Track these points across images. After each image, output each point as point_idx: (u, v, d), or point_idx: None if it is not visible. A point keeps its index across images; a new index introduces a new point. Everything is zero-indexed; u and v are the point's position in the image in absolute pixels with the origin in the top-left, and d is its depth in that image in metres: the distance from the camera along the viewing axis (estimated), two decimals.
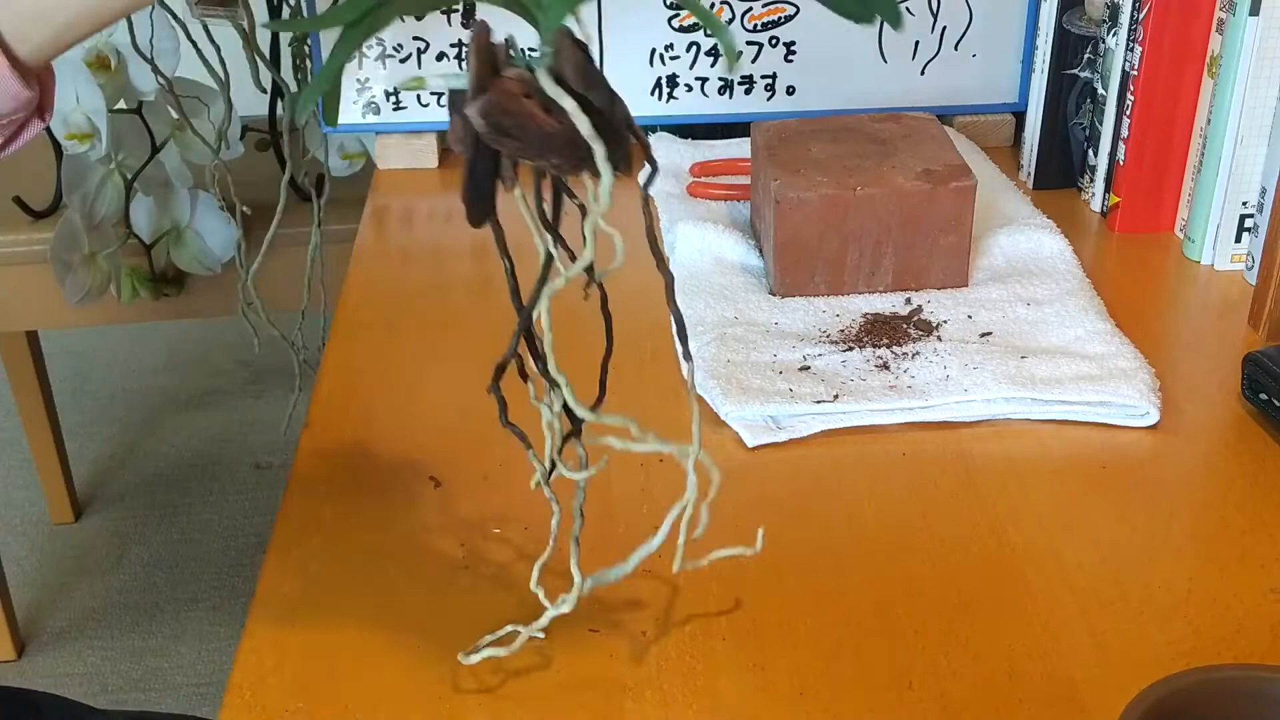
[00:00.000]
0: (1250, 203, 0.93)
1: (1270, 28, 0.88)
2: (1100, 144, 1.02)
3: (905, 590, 0.64)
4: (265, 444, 2.01)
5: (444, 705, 0.58)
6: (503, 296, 0.55)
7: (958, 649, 0.61)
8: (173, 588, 1.74)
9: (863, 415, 0.77)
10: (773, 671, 0.60)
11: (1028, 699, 0.58)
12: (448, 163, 1.17)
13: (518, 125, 0.47)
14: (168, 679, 1.60)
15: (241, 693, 0.59)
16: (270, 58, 1.29)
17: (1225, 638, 0.61)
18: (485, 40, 0.48)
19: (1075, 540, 0.68)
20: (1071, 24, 1.03)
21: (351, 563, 0.67)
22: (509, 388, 0.55)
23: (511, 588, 0.65)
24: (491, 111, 0.47)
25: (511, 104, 0.47)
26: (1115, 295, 0.89)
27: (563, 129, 0.47)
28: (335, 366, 0.85)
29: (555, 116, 0.47)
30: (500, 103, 0.47)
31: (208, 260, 1.34)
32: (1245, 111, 0.91)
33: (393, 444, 0.77)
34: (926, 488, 0.72)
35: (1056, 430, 0.77)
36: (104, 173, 1.27)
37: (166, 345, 2.26)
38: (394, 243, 1.04)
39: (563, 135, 0.47)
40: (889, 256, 0.88)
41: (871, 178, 0.88)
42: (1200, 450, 0.75)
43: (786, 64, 1.13)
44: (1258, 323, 0.87)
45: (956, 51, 1.14)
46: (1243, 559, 0.66)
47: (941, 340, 0.83)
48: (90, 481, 1.93)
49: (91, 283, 1.31)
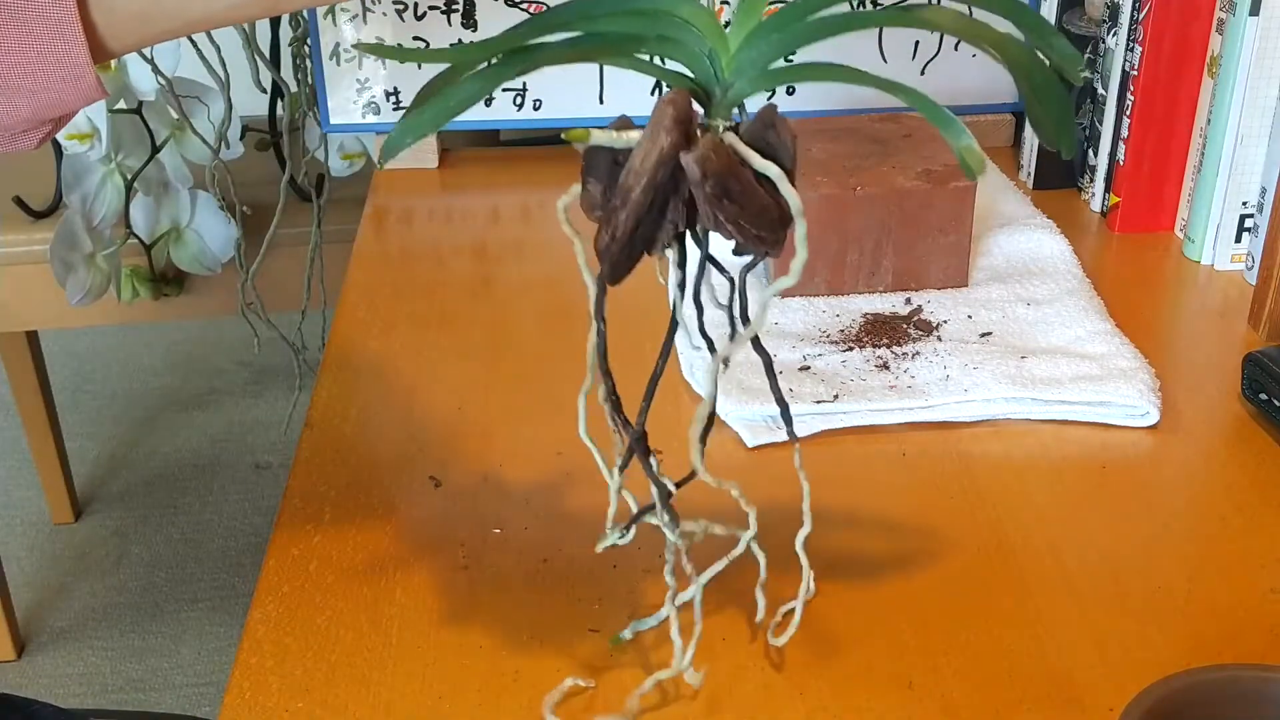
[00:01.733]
0: (1250, 203, 0.93)
1: (1270, 28, 0.88)
2: (1100, 144, 1.02)
3: (905, 590, 0.64)
4: (265, 444, 2.01)
5: (444, 705, 0.58)
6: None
7: (958, 649, 0.61)
8: (173, 588, 1.74)
9: (863, 415, 0.77)
10: (773, 671, 0.60)
11: (1028, 699, 0.58)
12: (447, 162, 1.17)
13: (742, 191, 0.46)
14: (168, 679, 1.60)
15: (241, 693, 0.59)
16: (270, 58, 1.29)
17: (1225, 638, 0.61)
18: (686, 103, 0.46)
19: (1075, 540, 0.68)
20: (1071, 24, 1.03)
21: (351, 563, 0.67)
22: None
23: (511, 588, 0.65)
24: (719, 172, 0.45)
25: (734, 168, 0.46)
26: (1115, 295, 0.89)
27: (775, 204, 0.46)
28: (335, 366, 0.85)
29: (764, 188, 0.46)
30: (725, 164, 0.45)
31: (208, 260, 1.34)
32: (1245, 111, 0.91)
33: (393, 444, 0.77)
34: (926, 488, 0.72)
35: (1056, 430, 0.77)
36: (104, 173, 1.27)
37: (166, 345, 2.26)
38: (394, 243, 1.04)
39: (775, 209, 0.46)
40: (889, 256, 0.89)
41: (871, 178, 0.88)
42: (1200, 450, 0.75)
43: (786, 64, 1.13)
44: (1258, 323, 0.87)
45: (956, 51, 1.14)
46: (1243, 559, 0.66)
47: (941, 340, 0.83)
48: (90, 481, 1.93)
49: (91, 283, 1.31)
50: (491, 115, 1.14)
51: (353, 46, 1.10)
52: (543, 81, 1.13)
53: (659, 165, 0.45)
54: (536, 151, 1.19)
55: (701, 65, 0.49)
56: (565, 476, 0.73)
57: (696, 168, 0.44)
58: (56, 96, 0.55)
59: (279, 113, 1.34)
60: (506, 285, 0.97)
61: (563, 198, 0.49)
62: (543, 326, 0.89)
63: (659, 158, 0.45)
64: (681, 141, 0.45)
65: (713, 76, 0.49)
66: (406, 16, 1.10)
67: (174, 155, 1.29)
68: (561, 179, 1.12)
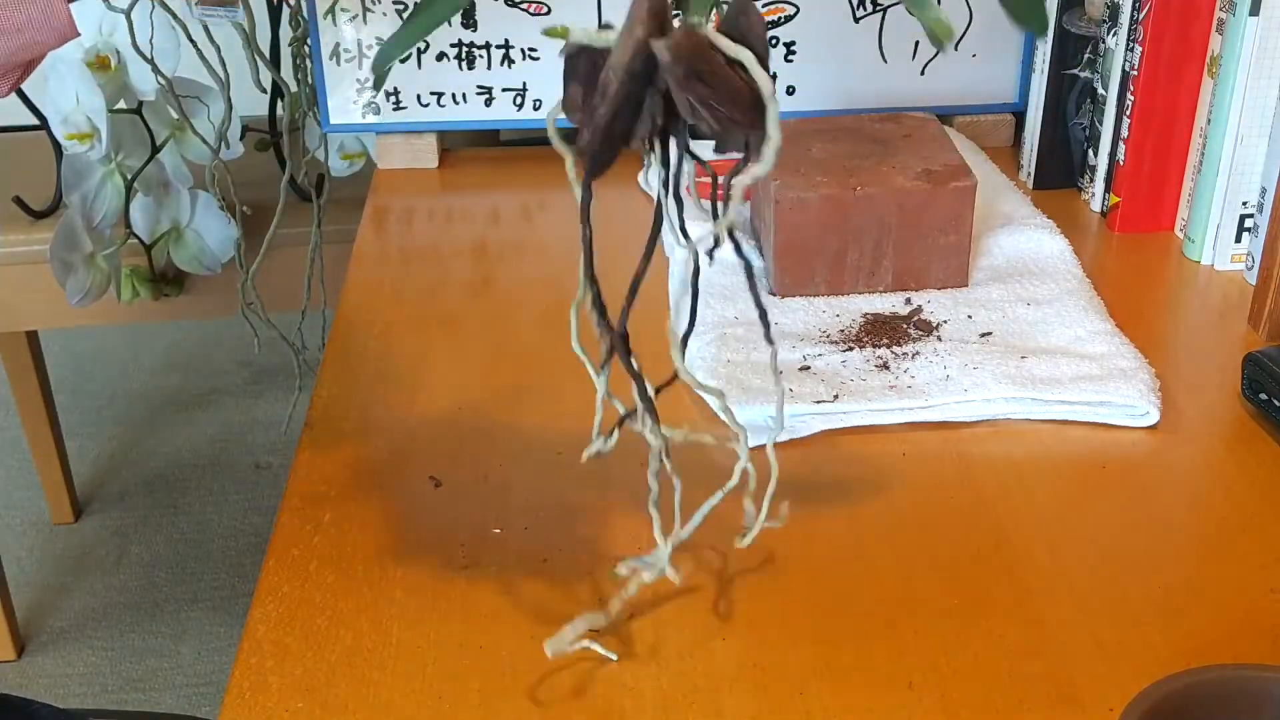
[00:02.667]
0: (1250, 203, 0.93)
1: (1270, 28, 0.88)
2: (1100, 144, 1.02)
3: (905, 590, 0.64)
4: (265, 444, 2.01)
5: (444, 705, 0.58)
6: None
7: (958, 649, 0.61)
8: (173, 587, 1.74)
9: (863, 415, 0.77)
10: (772, 671, 0.60)
11: (1028, 699, 0.58)
12: (447, 162, 1.17)
13: (712, 73, 0.46)
14: (168, 679, 1.60)
15: (241, 693, 0.59)
16: (270, 58, 1.29)
17: (1225, 638, 0.61)
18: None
19: (1075, 540, 0.68)
20: (1071, 24, 1.03)
21: (351, 563, 0.67)
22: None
23: (511, 588, 0.65)
24: (689, 55, 0.46)
25: (704, 51, 0.46)
26: (1115, 295, 0.89)
27: (747, 86, 0.47)
28: (335, 366, 0.85)
29: (737, 73, 0.47)
30: (694, 48, 0.46)
31: (207, 260, 1.34)
32: (1245, 111, 0.91)
33: (393, 444, 0.77)
34: (926, 488, 0.72)
35: (1056, 430, 0.77)
36: (104, 173, 1.27)
37: (166, 345, 2.26)
38: (394, 243, 1.04)
39: (747, 92, 0.47)
40: (889, 256, 0.89)
41: (871, 178, 0.88)
42: (1200, 450, 0.75)
43: (786, 64, 1.13)
44: (1258, 323, 0.87)
45: (956, 51, 1.14)
46: (1243, 559, 0.66)
47: (941, 340, 0.83)
48: (90, 481, 1.93)
49: (91, 283, 1.31)
50: (491, 115, 1.14)
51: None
52: (543, 81, 1.13)
53: (634, 55, 0.46)
54: (536, 151, 1.19)
55: None
56: (565, 476, 0.73)
57: (667, 52, 0.46)
58: (34, 36, 0.56)
59: (279, 113, 1.34)
60: (506, 285, 0.97)
61: (550, 109, 0.50)
62: (543, 326, 0.89)
63: (634, 47, 0.46)
64: (656, 32, 0.46)
65: None
66: (406, 16, 1.10)
67: (174, 155, 1.29)
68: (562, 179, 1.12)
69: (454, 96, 1.14)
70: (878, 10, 1.12)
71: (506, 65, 1.13)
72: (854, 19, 1.12)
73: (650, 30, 0.46)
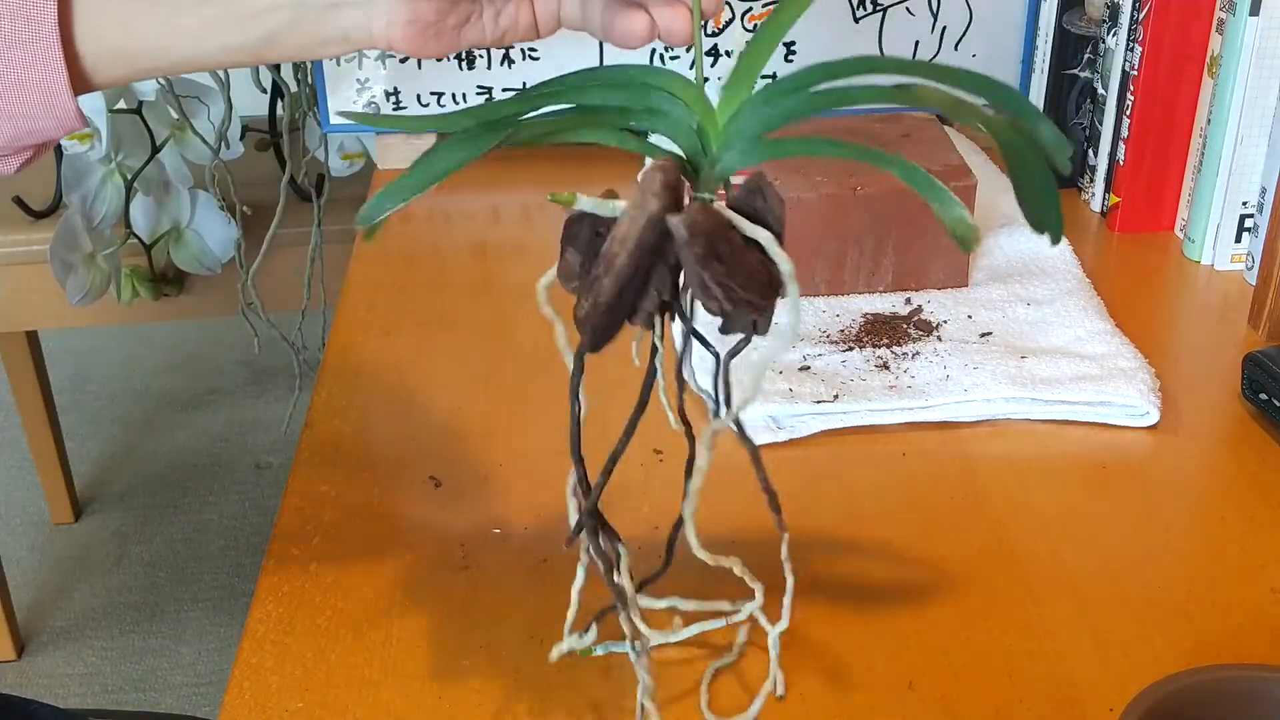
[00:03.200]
0: (1250, 203, 0.93)
1: (1270, 28, 0.88)
2: (1100, 144, 1.02)
3: (905, 590, 0.64)
4: (265, 444, 2.01)
5: (443, 705, 0.58)
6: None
7: (958, 649, 0.61)
8: (173, 588, 1.74)
9: (863, 415, 0.77)
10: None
11: (1028, 699, 0.58)
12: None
13: (730, 252, 0.45)
14: (168, 679, 1.60)
15: (241, 693, 0.59)
16: None
17: (1225, 638, 0.61)
18: (675, 170, 0.46)
19: (1075, 540, 0.68)
20: (1071, 24, 1.03)
21: (351, 563, 0.67)
22: None
23: (511, 589, 0.65)
24: (707, 232, 0.44)
25: (723, 229, 0.45)
26: (1115, 295, 0.89)
27: (763, 267, 0.45)
28: (335, 366, 0.85)
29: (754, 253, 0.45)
30: (713, 226, 0.44)
31: (207, 260, 1.34)
32: (1245, 111, 0.91)
33: (393, 444, 0.77)
34: (926, 488, 0.72)
35: (1056, 430, 0.77)
36: (104, 173, 1.27)
37: (166, 345, 2.26)
38: (394, 243, 1.04)
39: (764, 273, 0.45)
40: (889, 256, 0.89)
41: (871, 178, 0.88)
42: (1200, 450, 0.75)
43: (786, 64, 1.13)
44: (1258, 323, 0.87)
45: (956, 51, 1.14)
46: (1243, 559, 0.66)
47: (941, 340, 0.83)
48: (90, 481, 1.93)
49: (91, 283, 1.31)
50: None
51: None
52: None
53: (647, 228, 0.44)
54: (536, 152, 1.19)
55: (689, 138, 0.49)
56: (565, 476, 0.73)
57: (684, 228, 0.44)
58: (34, 124, 0.55)
59: (279, 113, 1.34)
60: (506, 285, 0.97)
61: (542, 277, 0.48)
62: (543, 326, 0.89)
63: (647, 220, 0.44)
64: (671, 206, 0.45)
65: (700, 150, 0.49)
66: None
67: (174, 155, 1.29)
68: (562, 179, 1.12)
69: (454, 97, 1.14)
70: (878, 10, 1.12)
71: (506, 65, 1.13)
72: (854, 19, 1.12)
73: (665, 203, 0.44)
